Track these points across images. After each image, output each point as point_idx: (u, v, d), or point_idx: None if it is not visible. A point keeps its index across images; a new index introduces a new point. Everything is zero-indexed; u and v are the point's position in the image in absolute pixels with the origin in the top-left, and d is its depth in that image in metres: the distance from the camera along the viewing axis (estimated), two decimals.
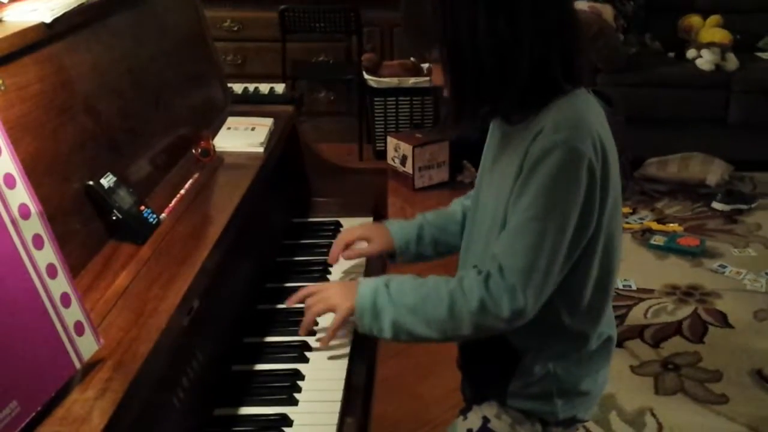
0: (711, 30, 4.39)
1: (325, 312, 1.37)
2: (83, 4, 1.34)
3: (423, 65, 4.39)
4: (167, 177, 1.52)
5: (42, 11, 1.24)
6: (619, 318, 2.93)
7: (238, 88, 2.86)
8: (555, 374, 1.35)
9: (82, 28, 1.35)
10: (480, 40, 1.17)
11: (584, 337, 1.35)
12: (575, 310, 1.31)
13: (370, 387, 1.51)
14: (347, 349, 1.42)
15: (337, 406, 1.28)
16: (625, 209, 3.84)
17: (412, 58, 4.42)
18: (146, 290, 1.16)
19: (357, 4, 4.35)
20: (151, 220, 1.32)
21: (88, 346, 0.98)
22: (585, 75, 1.28)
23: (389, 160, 4.25)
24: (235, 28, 4.70)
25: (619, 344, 2.76)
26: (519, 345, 1.35)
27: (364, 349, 1.46)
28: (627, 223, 3.70)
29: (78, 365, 0.97)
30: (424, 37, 1.26)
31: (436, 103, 4.37)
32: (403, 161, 4.15)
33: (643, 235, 3.61)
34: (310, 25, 4.42)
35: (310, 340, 1.44)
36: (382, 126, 4.49)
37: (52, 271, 0.95)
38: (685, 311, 3.01)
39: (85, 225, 1.21)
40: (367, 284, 1.31)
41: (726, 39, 4.30)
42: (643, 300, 3.09)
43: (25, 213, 0.93)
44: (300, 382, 1.34)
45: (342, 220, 1.92)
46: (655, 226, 3.67)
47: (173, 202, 1.43)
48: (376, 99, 4.44)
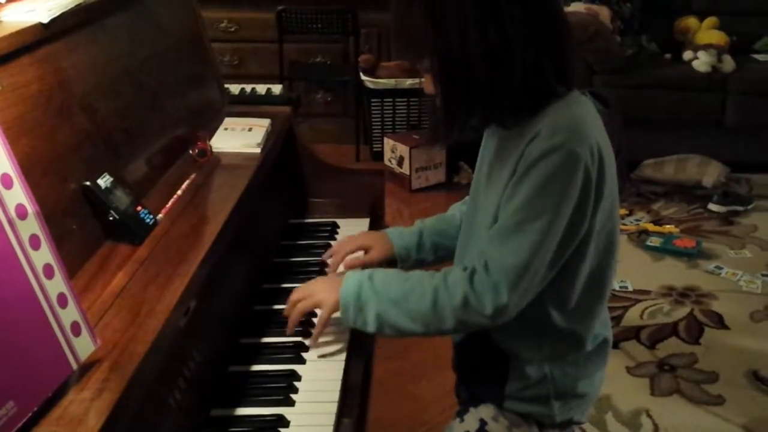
0: (707, 32, 4.39)
1: (312, 308, 1.37)
2: (80, 4, 1.34)
3: None
4: (164, 177, 1.52)
5: (39, 12, 1.24)
6: (615, 319, 2.94)
7: (235, 88, 2.86)
8: (552, 377, 1.35)
9: (80, 29, 1.35)
10: (471, 50, 1.17)
11: (578, 338, 1.35)
12: (565, 311, 1.31)
13: (367, 388, 1.51)
14: (344, 350, 1.42)
15: (333, 407, 1.28)
16: (622, 211, 3.84)
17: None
18: (143, 291, 1.16)
19: (354, 6, 4.35)
20: (148, 220, 1.32)
21: (84, 346, 0.98)
22: (576, 77, 1.28)
23: (386, 162, 4.25)
24: (232, 29, 4.70)
25: (615, 345, 2.76)
26: (509, 346, 1.35)
27: (361, 350, 1.46)
28: (623, 224, 3.71)
29: (75, 366, 0.97)
30: (414, 49, 1.25)
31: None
32: (400, 162, 4.15)
33: (640, 237, 3.61)
34: (308, 26, 4.43)
35: (306, 341, 1.44)
36: (379, 127, 4.49)
37: (48, 272, 0.95)
38: (681, 312, 3.02)
39: (81, 225, 1.21)
40: (352, 277, 1.32)
41: (722, 41, 4.31)
42: (639, 301, 3.09)
43: (22, 213, 0.93)
44: (297, 383, 1.34)
45: (339, 221, 1.92)
46: (652, 228, 3.68)
47: (170, 202, 1.43)
48: (373, 100, 4.44)
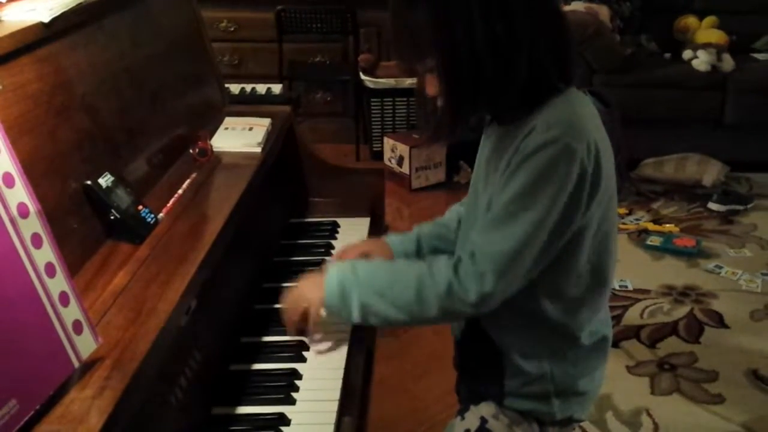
0: (707, 31, 4.40)
1: (302, 310, 1.37)
2: (81, 4, 1.34)
3: None
4: (165, 177, 1.52)
5: (40, 11, 1.25)
6: (616, 318, 2.94)
7: (235, 88, 2.87)
8: (551, 374, 1.36)
9: (80, 28, 1.35)
10: (479, 46, 1.17)
11: (572, 333, 1.35)
12: (560, 305, 1.31)
13: (368, 387, 1.52)
14: (345, 349, 1.42)
15: (334, 406, 1.29)
16: (622, 210, 3.84)
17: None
18: (144, 289, 1.16)
19: (353, 5, 4.35)
20: (149, 219, 1.32)
21: (86, 344, 0.99)
22: (576, 73, 1.28)
23: (386, 161, 4.26)
24: (232, 29, 4.70)
25: (616, 344, 2.77)
26: (503, 341, 1.36)
27: (362, 349, 1.46)
28: (623, 223, 3.71)
29: (76, 364, 0.97)
30: (417, 49, 1.24)
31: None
32: (400, 162, 4.15)
33: (639, 236, 3.61)
34: (307, 26, 4.43)
35: (307, 339, 1.44)
36: (379, 126, 4.49)
37: (50, 270, 0.96)
38: (681, 311, 3.02)
39: (83, 224, 1.22)
40: (334, 269, 1.33)
41: (722, 40, 4.31)
42: (639, 300, 3.09)
43: (24, 212, 0.94)
44: (298, 382, 1.34)
45: (339, 221, 1.92)
46: (652, 227, 3.68)
47: (171, 201, 1.43)
48: (373, 99, 4.44)
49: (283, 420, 1.25)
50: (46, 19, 1.23)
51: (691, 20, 4.50)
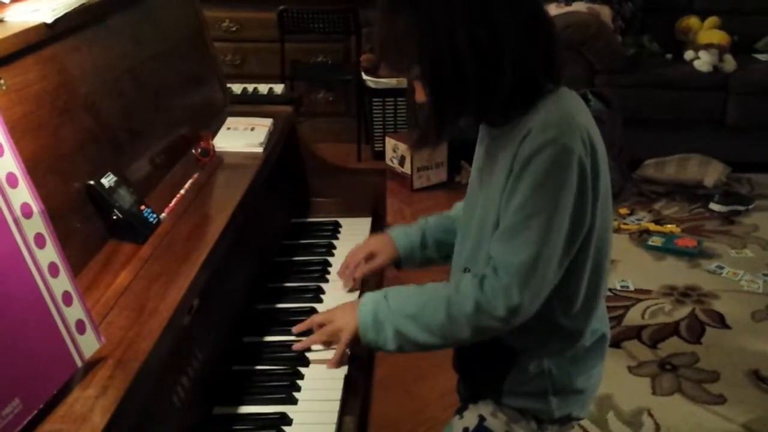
0: (709, 31, 4.40)
1: (332, 337, 1.37)
2: (84, 4, 1.35)
3: None
4: (167, 177, 1.52)
5: (43, 11, 1.25)
6: (617, 318, 2.94)
7: (237, 88, 2.87)
8: (550, 372, 1.36)
9: (83, 29, 1.36)
10: (462, 51, 1.17)
11: (578, 333, 1.36)
12: (571, 308, 1.32)
13: (369, 387, 1.51)
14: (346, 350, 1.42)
15: (336, 405, 1.29)
16: (623, 210, 3.84)
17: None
18: (147, 289, 1.16)
19: (355, 5, 4.35)
20: (152, 219, 1.33)
21: (89, 344, 0.99)
22: (563, 72, 1.28)
23: (388, 161, 4.26)
24: (234, 29, 4.70)
25: (617, 345, 2.77)
26: (516, 344, 1.35)
27: (363, 350, 1.46)
28: (625, 223, 3.71)
29: (79, 363, 0.97)
30: (403, 57, 1.25)
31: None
32: (402, 162, 4.15)
33: (641, 236, 3.61)
34: (309, 26, 4.43)
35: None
36: (381, 126, 4.49)
37: (53, 270, 0.96)
38: (682, 312, 3.02)
39: (86, 224, 1.22)
40: (367, 300, 1.33)
41: (724, 40, 4.31)
42: (640, 301, 3.09)
43: (28, 212, 0.94)
44: (299, 381, 1.35)
45: (341, 221, 1.92)
46: (653, 227, 3.68)
47: (173, 201, 1.44)
48: (375, 99, 4.45)
49: (285, 420, 1.26)
50: (50, 20, 1.23)
51: (692, 21, 4.50)
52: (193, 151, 1.64)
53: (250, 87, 4.18)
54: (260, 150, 1.73)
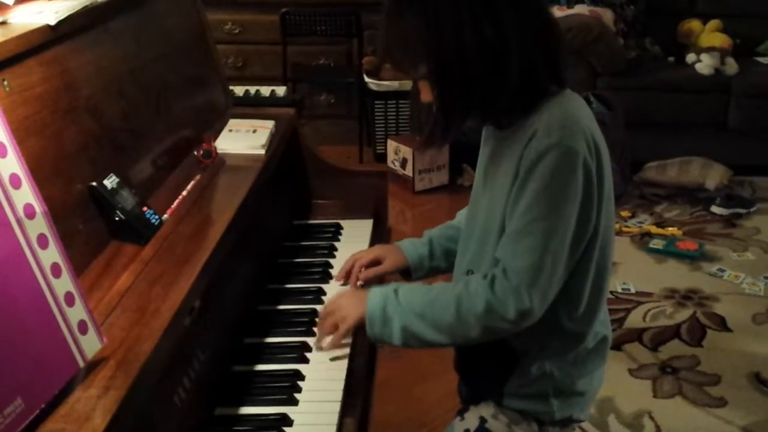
0: (711, 34, 4.40)
1: (338, 323, 1.36)
2: (87, 7, 1.35)
3: None
4: (169, 178, 1.53)
5: (47, 14, 1.26)
6: (618, 321, 2.94)
7: (239, 90, 2.88)
8: (551, 374, 1.36)
9: (86, 31, 1.36)
10: (468, 49, 1.18)
11: (581, 336, 1.36)
12: (575, 310, 1.32)
13: (370, 388, 1.52)
14: (347, 350, 1.42)
15: (336, 407, 1.29)
16: (625, 213, 3.84)
17: None
18: (148, 290, 1.17)
19: (358, 8, 4.36)
20: (154, 220, 1.33)
21: (91, 344, 0.99)
22: (567, 74, 1.29)
23: (389, 163, 4.26)
24: (236, 31, 4.71)
25: (618, 347, 2.77)
26: (519, 346, 1.36)
27: (364, 351, 1.46)
28: (626, 226, 3.71)
29: (81, 363, 0.98)
30: (409, 56, 1.25)
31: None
32: (404, 164, 4.16)
33: (642, 239, 3.61)
34: (311, 28, 4.44)
35: (310, 341, 1.45)
36: (383, 129, 4.49)
37: (56, 271, 0.96)
38: (683, 315, 3.02)
39: (88, 225, 1.23)
40: (377, 293, 1.32)
41: (726, 43, 4.31)
42: (641, 303, 3.09)
43: (30, 213, 0.95)
44: (300, 383, 1.35)
45: (342, 223, 1.93)
46: (654, 230, 3.68)
47: (175, 203, 1.44)
48: (377, 102, 4.45)
49: (286, 421, 1.26)
50: (53, 22, 1.24)
51: (694, 24, 4.50)
52: (195, 153, 1.64)
53: (253, 89, 4.19)
54: (262, 152, 1.73)
